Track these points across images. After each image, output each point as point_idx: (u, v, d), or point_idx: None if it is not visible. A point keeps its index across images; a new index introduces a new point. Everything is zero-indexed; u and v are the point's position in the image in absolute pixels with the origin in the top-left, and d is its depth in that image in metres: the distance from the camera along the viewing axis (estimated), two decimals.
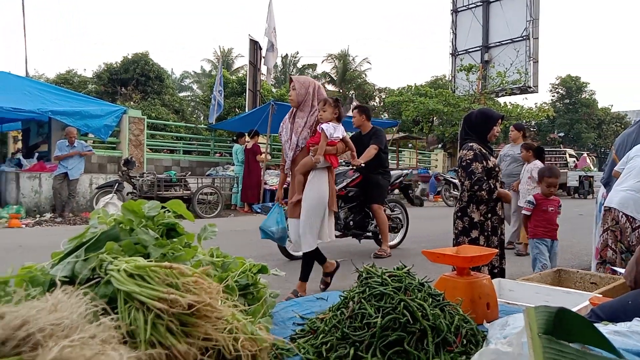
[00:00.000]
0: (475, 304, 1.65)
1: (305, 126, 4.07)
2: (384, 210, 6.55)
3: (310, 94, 4.10)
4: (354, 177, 6.30)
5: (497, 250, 2.76)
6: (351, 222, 6.39)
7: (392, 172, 6.99)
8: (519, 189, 6.95)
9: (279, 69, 36.66)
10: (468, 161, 3.54)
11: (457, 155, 3.80)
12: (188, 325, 1.07)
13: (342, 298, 1.49)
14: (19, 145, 15.34)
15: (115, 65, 21.75)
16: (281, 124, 4.29)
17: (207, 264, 1.45)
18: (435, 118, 25.55)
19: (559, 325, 0.95)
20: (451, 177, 16.22)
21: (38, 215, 10.04)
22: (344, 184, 6.23)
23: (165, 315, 1.05)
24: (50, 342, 0.73)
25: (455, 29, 29.31)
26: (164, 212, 1.49)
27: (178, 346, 1.02)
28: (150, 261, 1.21)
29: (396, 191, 9.92)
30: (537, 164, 6.57)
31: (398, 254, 6.35)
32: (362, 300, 1.37)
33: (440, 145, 28.73)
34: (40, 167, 10.87)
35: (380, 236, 6.48)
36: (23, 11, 21.46)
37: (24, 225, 8.98)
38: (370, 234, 6.64)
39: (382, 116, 32.74)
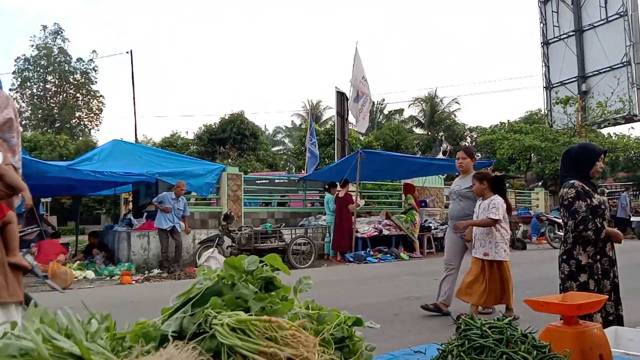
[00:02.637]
0: (587, 355, 1.54)
1: None
2: None
3: None
4: None
5: (607, 296, 2.54)
6: None
7: None
8: (472, 237, 5.27)
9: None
10: (570, 199, 3.35)
11: (559, 193, 3.59)
12: None
13: (440, 351, 1.46)
14: (130, 206, 16.68)
15: (214, 127, 23.30)
16: None
17: (304, 317, 1.48)
18: (532, 155, 24.44)
19: None
20: (555, 217, 15.28)
21: (147, 271, 10.73)
22: None
23: None
24: None
25: (548, 61, 28.34)
26: (262, 266, 1.56)
27: None
28: (251, 315, 1.27)
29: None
30: (497, 200, 5.12)
31: None
32: (462, 353, 1.33)
33: (540, 184, 27.28)
34: (148, 226, 11.70)
35: None
36: (133, 84, 23.80)
37: (134, 282, 9.62)
38: None
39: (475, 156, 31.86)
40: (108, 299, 7.31)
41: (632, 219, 17.24)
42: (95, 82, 36.95)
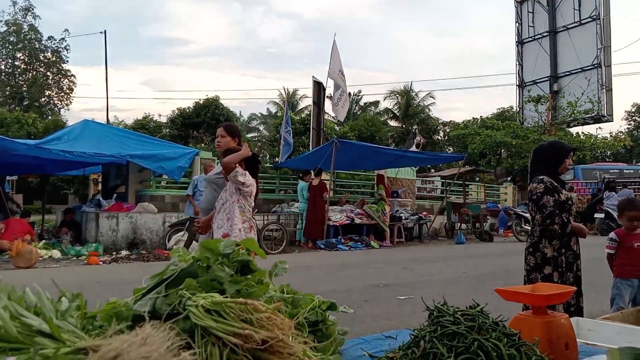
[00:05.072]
0: (553, 344, 1.58)
1: None
2: None
3: None
4: None
5: (575, 288, 2.63)
6: None
7: None
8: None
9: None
10: (539, 194, 3.43)
11: (527, 188, 3.68)
12: None
13: (412, 337, 1.47)
14: (99, 187, 16.37)
15: (187, 111, 22.92)
16: None
17: (279, 300, 1.48)
18: (503, 151, 24.88)
19: None
20: (522, 211, 15.61)
21: (115, 253, 10.57)
22: None
23: (240, 351, 1.09)
24: None
25: (521, 60, 28.76)
26: (238, 249, 1.55)
27: None
28: (226, 297, 1.26)
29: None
30: (248, 175, 3.93)
31: (467, 291, 6.13)
32: (434, 339, 1.35)
33: (509, 179, 27.85)
34: (117, 207, 11.50)
35: None
36: (106, 65, 23.23)
37: (101, 262, 9.46)
38: None
39: (447, 150, 32.27)
40: (75, 279, 7.18)
41: (595, 215, 17.73)
42: (67, 61, 35.90)
